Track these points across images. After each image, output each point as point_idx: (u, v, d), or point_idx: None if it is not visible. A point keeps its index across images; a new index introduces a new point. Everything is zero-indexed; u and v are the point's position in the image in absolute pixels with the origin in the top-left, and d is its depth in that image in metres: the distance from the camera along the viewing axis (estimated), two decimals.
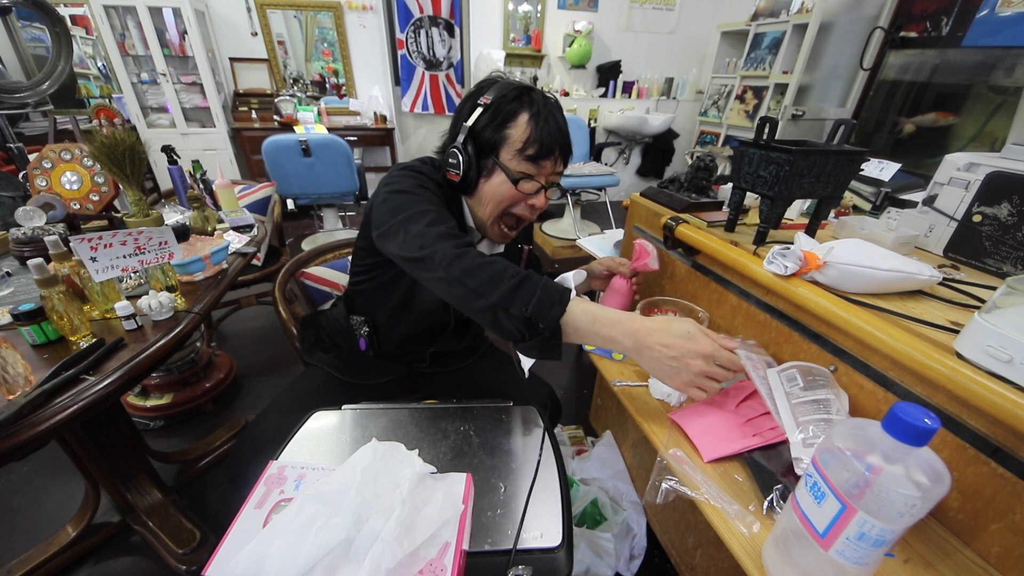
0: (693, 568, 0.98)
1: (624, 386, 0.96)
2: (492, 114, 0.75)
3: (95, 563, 1.13)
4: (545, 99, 0.77)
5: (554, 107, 0.77)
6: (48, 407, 0.65)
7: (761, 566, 0.60)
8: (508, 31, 3.83)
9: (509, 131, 0.75)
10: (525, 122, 0.74)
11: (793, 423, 0.71)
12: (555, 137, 0.76)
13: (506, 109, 0.75)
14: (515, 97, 0.75)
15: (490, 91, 0.76)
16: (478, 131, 0.76)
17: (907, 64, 2.66)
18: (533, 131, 0.74)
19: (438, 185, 0.80)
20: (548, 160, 0.77)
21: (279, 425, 0.83)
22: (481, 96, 0.76)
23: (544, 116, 0.75)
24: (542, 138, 0.74)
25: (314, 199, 2.90)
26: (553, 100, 0.78)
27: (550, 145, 0.76)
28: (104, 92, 3.48)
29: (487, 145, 0.76)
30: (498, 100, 0.75)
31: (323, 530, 0.48)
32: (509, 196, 0.79)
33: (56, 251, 0.84)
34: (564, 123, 0.78)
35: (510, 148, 0.76)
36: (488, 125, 0.75)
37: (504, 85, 0.77)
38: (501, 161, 0.77)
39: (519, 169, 0.77)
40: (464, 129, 0.76)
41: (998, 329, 0.54)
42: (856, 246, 0.77)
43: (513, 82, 0.78)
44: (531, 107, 0.75)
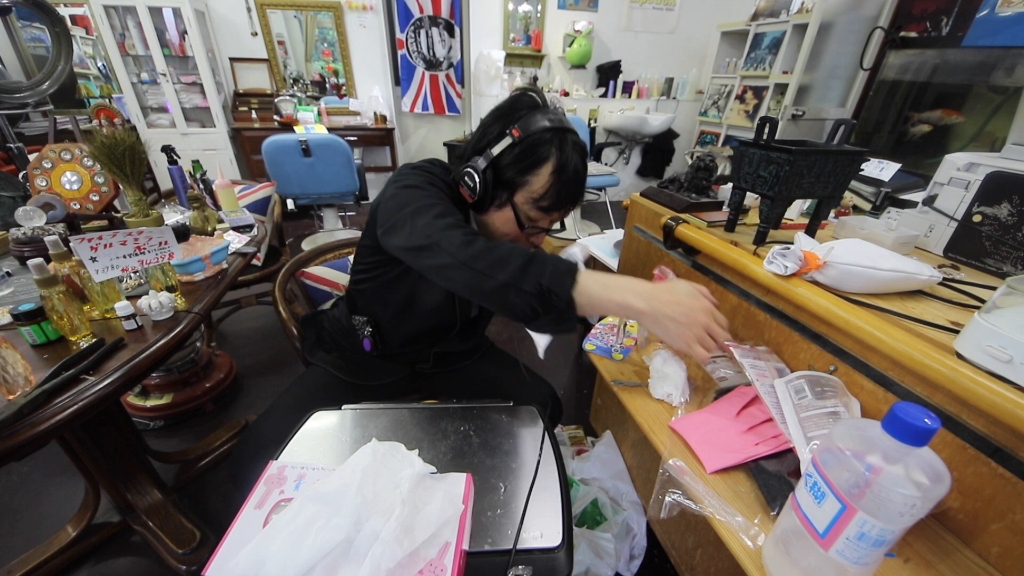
0: (693, 568, 0.98)
1: (624, 386, 0.96)
2: (519, 154, 0.73)
3: (95, 563, 1.13)
4: (573, 148, 0.74)
5: (579, 157, 0.75)
6: (48, 407, 0.65)
7: (761, 566, 0.60)
8: (508, 31, 3.83)
9: (530, 178, 0.74)
10: (548, 174, 0.73)
11: (803, 438, 0.70)
12: (572, 195, 0.76)
13: (533, 155, 0.72)
14: (546, 142, 0.72)
15: (522, 121, 0.72)
16: (501, 165, 0.74)
17: (907, 64, 2.66)
18: (553, 186, 0.73)
19: (447, 185, 0.80)
20: (557, 212, 0.78)
21: (280, 425, 0.83)
22: (513, 123, 0.73)
23: (568, 171, 0.73)
24: (559, 195, 0.74)
25: (314, 199, 2.90)
26: (580, 145, 0.75)
27: (563, 201, 0.76)
28: (104, 92, 3.49)
29: (506, 182, 0.75)
30: (528, 140, 0.72)
31: (323, 530, 0.48)
32: (513, 233, 0.80)
33: (56, 251, 0.84)
34: (584, 173, 0.77)
35: (526, 193, 0.75)
36: (512, 165, 0.73)
37: (538, 119, 0.72)
38: (515, 202, 0.76)
39: (530, 215, 0.77)
40: (488, 155, 0.74)
41: (998, 329, 0.54)
42: (856, 246, 0.77)
43: (547, 117, 0.73)
44: (558, 158, 0.72)
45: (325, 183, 2.79)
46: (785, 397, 0.77)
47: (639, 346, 1.08)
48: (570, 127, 0.75)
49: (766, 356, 0.90)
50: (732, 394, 0.86)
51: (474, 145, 0.78)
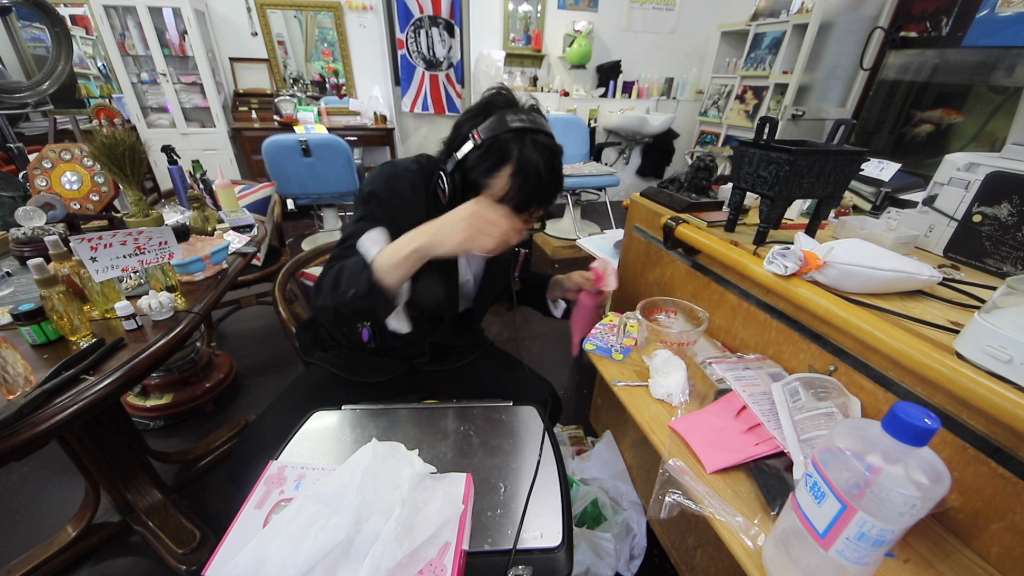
0: (693, 568, 0.98)
1: (624, 386, 0.96)
2: (480, 156, 0.72)
3: (95, 563, 1.13)
4: (536, 148, 0.72)
5: (545, 157, 0.72)
6: (48, 407, 0.65)
7: (761, 566, 0.60)
8: (508, 31, 3.83)
9: (491, 180, 0.73)
10: (507, 177, 0.72)
11: (796, 441, 0.70)
12: (534, 196, 0.74)
13: (493, 157, 0.72)
14: (503, 146, 0.71)
15: (487, 123, 0.72)
16: (466, 167, 0.74)
17: (907, 64, 2.66)
18: (512, 189, 0.72)
19: (414, 191, 0.81)
20: (524, 213, 0.76)
21: (280, 425, 0.83)
22: (476, 126, 0.73)
23: (529, 172, 0.71)
24: (519, 197, 0.73)
25: (314, 199, 2.90)
26: (546, 145, 0.73)
27: (527, 203, 0.74)
28: (104, 92, 3.48)
29: (472, 184, 0.75)
30: (488, 142, 0.72)
31: (323, 530, 0.48)
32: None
33: (56, 251, 0.84)
34: (552, 174, 0.74)
35: (490, 195, 0.74)
36: (475, 167, 0.73)
37: (499, 123, 0.71)
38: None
39: None
40: (454, 159, 0.75)
41: (998, 329, 0.55)
42: (856, 246, 0.77)
43: (515, 116, 0.72)
44: (517, 161, 0.71)
45: (325, 183, 2.78)
46: (780, 401, 0.77)
47: (639, 346, 1.08)
48: (536, 126, 0.73)
49: (756, 364, 0.91)
50: (732, 394, 0.86)
51: (447, 147, 0.79)
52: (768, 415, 0.79)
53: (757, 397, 0.82)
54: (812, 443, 0.69)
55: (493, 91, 0.77)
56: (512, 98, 0.76)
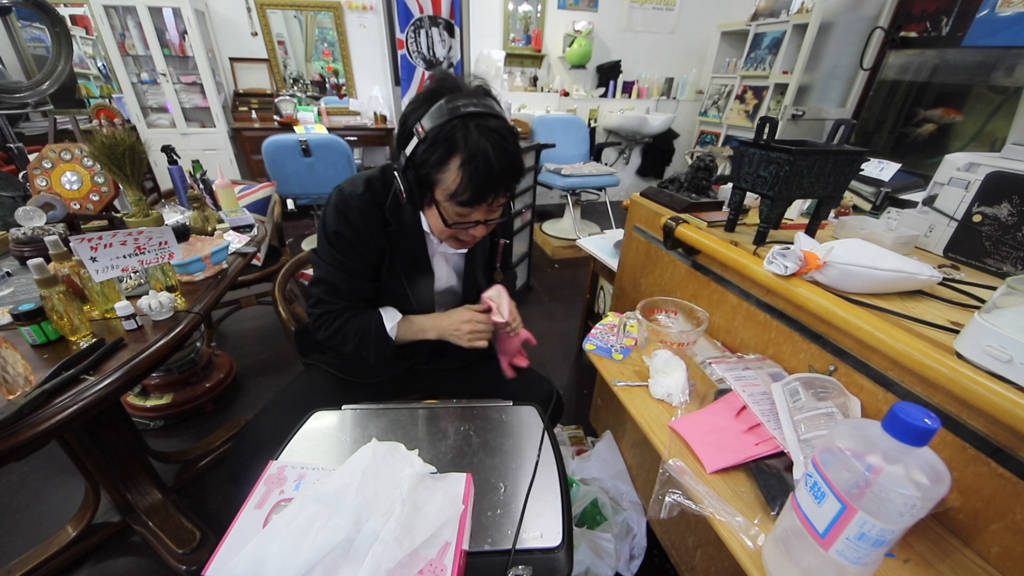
0: (693, 568, 0.98)
1: (624, 386, 0.96)
2: (426, 150, 0.69)
3: (95, 563, 1.13)
4: (483, 133, 0.67)
5: (495, 141, 0.68)
6: (48, 407, 0.65)
7: (761, 566, 0.60)
8: (508, 31, 3.83)
9: (441, 175, 0.70)
10: (456, 168, 0.68)
11: (796, 441, 0.70)
12: (488, 184, 0.70)
13: (438, 150, 0.68)
14: (447, 137, 0.67)
15: (429, 114, 0.68)
16: (415, 163, 0.71)
17: (907, 64, 2.66)
18: (463, 180, 0.69)
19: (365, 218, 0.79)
20: (482, 205, 0.73)
21: (279, 424, 0.83)
22: (420, 117, 0.69)
23: (479, 160, 0.67)
24: (472, 188, 0.69)
25: (314, 199, 2.90)
26: (494, 129, 0.68)
27: (482, 193, 0.71)
28: (104, 92, 3.48)
29: (424, 180, 0.72)
30: (432, 134, 0.68)
31: (323, 530, 0.48)
32: (446, 231, 0.78)
33: (56, 251, 0.84)
34: (505, 158, 0.69)
35: (443, 190, 0.72)
36: (423, 162, 0.70)
37: (441, 111, 0.67)
38: (436, 199, 0.74)
39: (452, 211, 0.74)
40: (403, 155, 0.72)
41: (998, 329, 0.55)
42: (856, 246, 0.77)
43: (452, 105, 0.67)
44: (463, 151, 0.67)
45: (325, 183, 2.78)
46: (781, 401, 0.77)
47: (639, 346, 1.08)
48: (484, 109, 0.68)
49: (756, 364, 0.91)
50: (732, 394, 0.86)
51: (398, 139, 0.75)
52: (768, 415, 0.79)
53: (757, 397, 0.82)
54: (812, 443, 0.69)
55: (437, 77, 0.73)
56: (456, 83, 0.72)
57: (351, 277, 0.85)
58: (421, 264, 0.89)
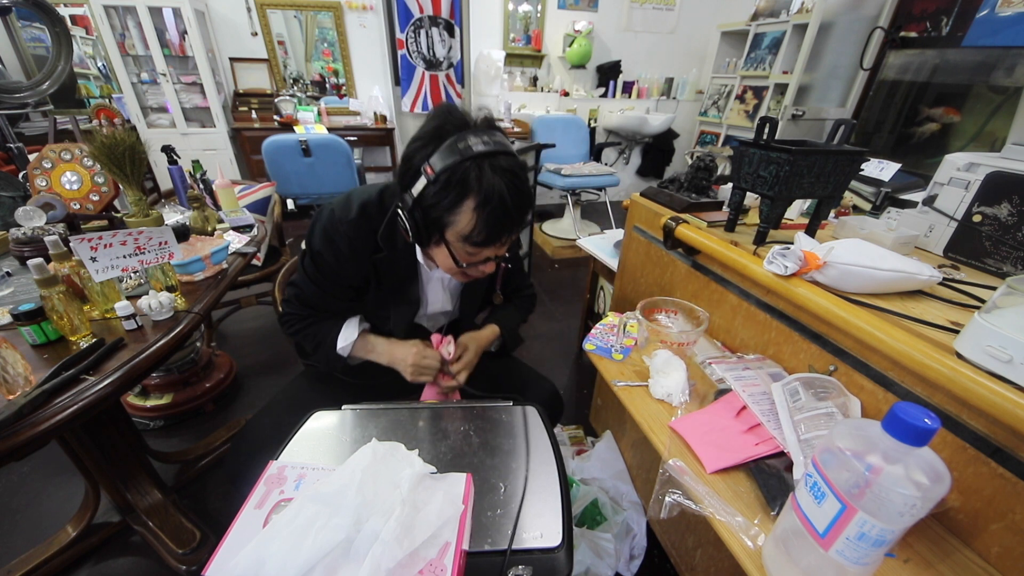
0: (693, 568, 0.98)
1: (624, 386, 0.96)
2: (437, 193, 0.66)
3: (95, 563, 1.13)
4: (497, 173, 0.65)
5: (508, 181, 0.66)
6: (48, 407, 0.65)
7: (761, 566, 0.60)
8: (508, 31, 3.83)
9: (454, 217, 0.68)
10: (470, 211, 0.66)
11: (796, 441, 0.70)
12: (504, 225, 0.69)
13: (451, 192, 0.65)
14: (460, 179, 0.64)
15: (438, 154, 0.65)
16: (424, 205, 0.69)
17: (907, 64, 2.66)
18: (478, 222, 0.67)
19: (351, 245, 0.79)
20: (495, 244, 0.72)
21: (278, 424, 0.83)
22: (427, 156, 0.66)
23: (493, 202, 0.65)
24: (488, 229, 0.68)
25: (314, 199, 2.90)
26: (506, 168, 0.66)
27: (497, 234, 0.70)
28: (104, 92, 3.48)
29: (433, 222, 0.70)
30: (443, 177, 0.65)
31: (323, 530, 0.48)
32: (457, 270, 0.77)
33: (56, 251, 0.84)
34: (519, 197, 0.68)
35: (455, 232, 0.69)
36: (434, 204, 0.67)
37: (450, 152, 0.64)
38: (447, 239, 0.72)
39: (465, 251, 0.72)
40: (410, 195, 0.69)
41: (998, 329, 0.55)
42: (856, 246, 0.77)
43: (463, 145, 0.64)
44: (477, 193, 0.65)
45: (325, 183, 2.79)
46: (781, 401, 0.77)
47: (639, 346, 1.08)
48: (495, 147, 0.66)
49: (756, 364, 0.91)
50: (732, 394, 0.86)
51: (400, 180, 0.72)
52: (768, 415, 0.79)
53: (757, 397, 0.82)
54: (812, 443, 0.69)
55: (442, 111, 0.69)
56: (462, 117, 0.68)
57: (323, 293, 0.86)
58: (409, 291, 0.89)
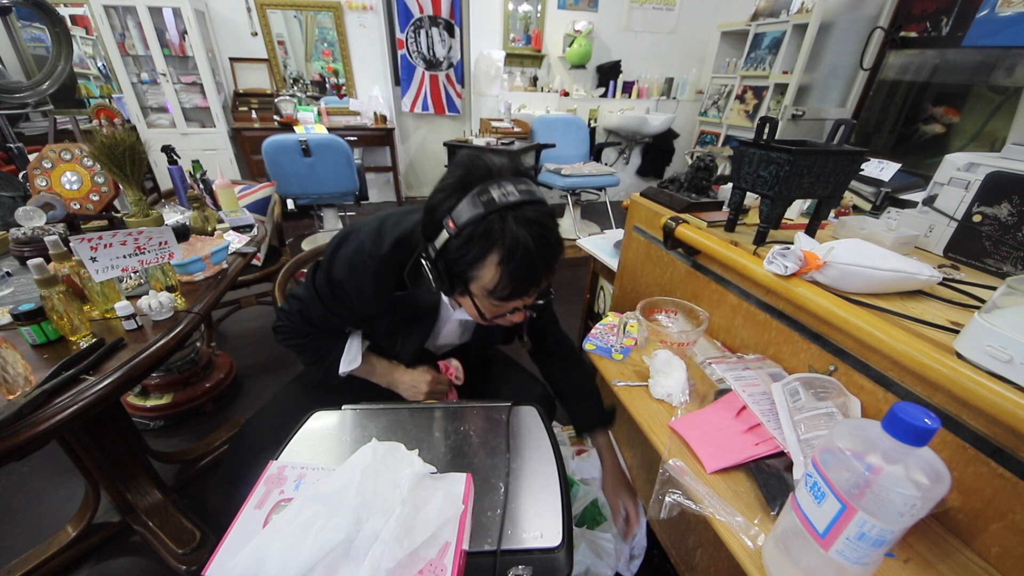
0: (693, 568, 0.98)
1: (624, 386, 0.96)
2: (459, 248, 0.62)
3: (95, 563, 1.13)
4: (522, 225, 0.61)
5: (535, 232, 0.62)
6: (48, 407, 0.65)
7: (761, 566, 0.60)
8: (508, 31, 3.83)
9: (478, 272, 0.64)
10: (494, 265, 0.62)
11: (796, 441, 0.70)
12: (529, 278, 0.65)
13: (473, 247, 0.62)
14: (483, 234, 0.61)
15: (460, 208, 0.61)
16: (447, 258, 0.65)
17: (907, 64, 2.66)
18: (502, 277, 0.63)
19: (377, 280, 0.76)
20: (523, 297, 0.69)
21: (278, 424, 0.83)
22: (450, 209, 0.62)
23: (518, 256, 0.61)
24: (513, 284, 0.64)
25: (314, 199, 2.90)
26: (533, 219, 0.62)
27: (523, 288, 0.66)
28: (104, 92, 3.49)
29: (456, 275, 0.66)
30: (465, 231, 0.61)
31: (323, 530, 0.48)
32: (483, 320, 0.73)
33: (56, 251, 0.84)
34: (544, 250, 0.64)
35: (479, 286, 0.66)
36: (456, 259, 0.64)
37: (473, 205, 0.61)
38: (472, 292, 0.68)
39: (490, 304, 0.69)
40: (432, 247, 0.66)
41: (998, 329, 0.54)
42: (856, 246, 0.77)
43: (486, 198, 0.61)
44: (501, 247, 0.61)
45: (325, 183, 2.79)
46: (781, 401, 0.77)
47: (639, 346, 1.08)
48: (519, 198, 0.61)
49: (756, 364, 0.91)
50: (732, 394, 0.86)
51: (424, 230, 0.68)
52: (768, 415, 0.79)
53: (757, 397, 0.82)
54: (812, 443, 0.69)
55: (465, 161, 0.66)
56: (487, 165, 0.64)
57: (331, 315, 0.82)
58: (424, 325, 0.87)
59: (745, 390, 0.84)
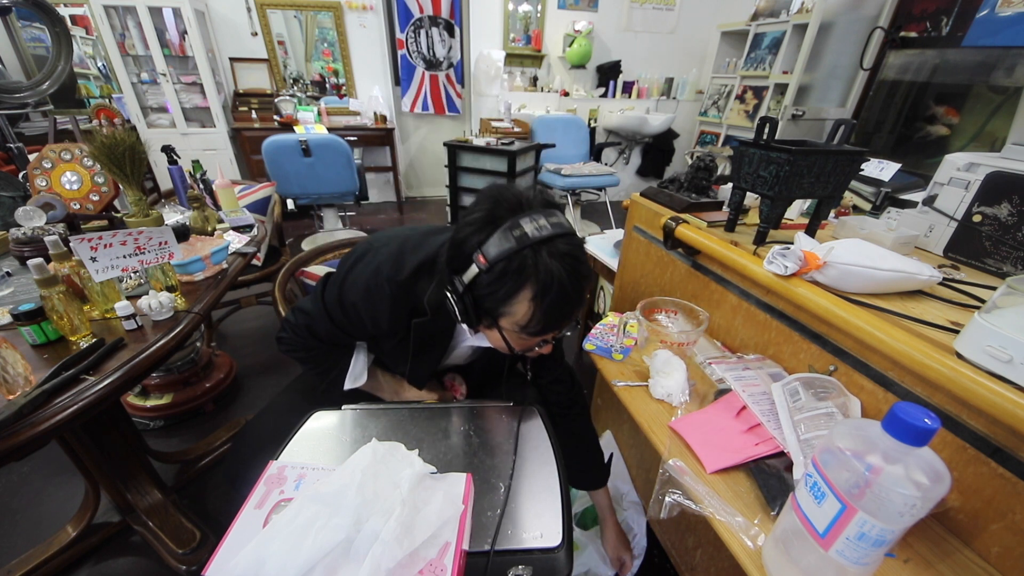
0: (693, 568, 0.98)
1: (624, 386, 0.96)
2: (490, 284, 0.61)
3: (95, 563, 1.13)
4: (556, 259, 0.59)
5: (569, 266, 0.60)
6: (48, 407, 0.65)
7: (761, 566, 0.60)
8: (508, 31, 3.83)
9: (510, 308, 0.63)
10: (527, 301, 0.61)
11: (796, 441, 0.70)
12: (564, 313, 0.64)
13: (506, 284, 0.60)
14: (516, 269, 0.59)
15: (492, 242, 0.60)
16: (476, 292, 0.64)
17: (907, 64, 2.66)
18: (536, 312, 0.62)
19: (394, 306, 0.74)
20: (554, 331, 0.68)
21: (278, 425, 0.83)
22: (481, 243, 0.61)
23: (553, 292, 0.60)
24: (547, 319, 0.63)
25: (314, 199, 2.90)
26: (566, 253, 0.60)
27: (557, 323, 0.65)
28: (104, 92, 3.48)
29: (487, 310, 0.65)
30: (497, 267, 0.60)
31: (323, 530, 0.48)
32: (509, 352, 0.72)
33: (56, 251, 0.84)
34: (579, 284, 0.63)
35: (510, 321, 0.64)
36: (486, 295, 0.63)
37: (504, 240, 0.59)
38: (501, 327, 0.66)
39: (520, 338, 0.68)
40: (460, 282, 0.64)
41: (998, 329, 0.54)
42: (856, 246, 0.77)
43: (519, 233, 0.59)
44: (535, 283, 0.60)
45: (325, 183, 2.79)
46: (781, 401, 0.77)
47: (639, 346, 1.08)
48: (551, 232, 0.60)
49: (756, 364, 0.91)
50: (732, 394, 0.86)
51: (448, 260, 0.66)
52: (768, 415, 0.79)
53: (757, 397, 0.82)
54: (812, 443, 0.69)
55: (493, 194, 0.64)
56: (516, 197, 0.63)
57: (339, 332, 0.81)
58: (435, 351, 0.85)
59: (745, 390, 0.84)
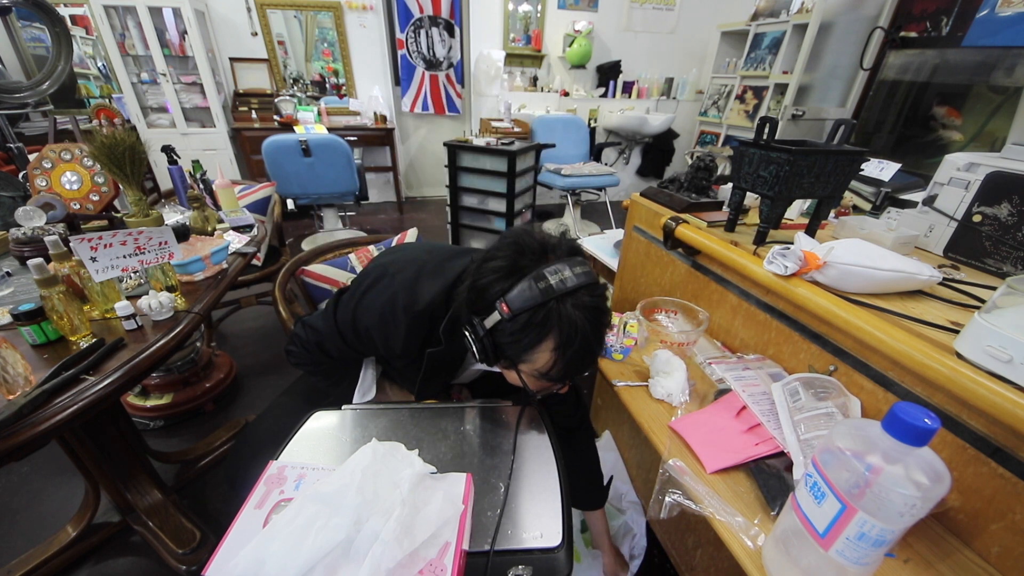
0: (693, 568, 0.98)
1: (624, 386, 0.96)
2: (513, 332, 0.61)
3: (95, 563, 1.13)
4: (579, 310, 0.59)
5: (590, 317, 0.61)
6: (48, 407, 0.65)
7: (761, 566, 0.60)
8: (508, 31, 3.83)
9: (531, 356, 0.63)
10: (549, 351, 0.62)
11: (796, 441, 0.70)
12: (584, 362, 0.64)
13: (529, 335, 0.60)
14: (541, 322, 0.59)
15: (516, 293, 0.59)
16: (497, 339, 0.64)
17: (907, 64, 2.66)
18: (557, 362, 0.62)
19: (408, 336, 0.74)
20: (572, 378, 0.69)
21: (279, 426, 0.83)
22: (504, 292, 0.60)
23: (575, 344, 0.60)
24: (568, 368, 0.63)
25: (314, 199, 2.90)
26: (590, 305, 0.61)
27: (576, 371, 0.66)
28: (104, 92, 3.48)
29: (507, 356, 0.65)
30: (521, 319, 0.59)
31: (323, 530, 0.48)
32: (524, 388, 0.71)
33: (56, 251, 0.84)
34: (600, 334, 0.64)
35: (529, 367, 0.65)
36: (509, 343, 0.62)
37: (529, 291, 0.59)
38: (520, 371, 0.67)
39: (539, 382, 0.68)
40: (480, 325, 0.64)
41: (998, 329, 0.54)
42: (856, 246, 0.77)
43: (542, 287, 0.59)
44: (559, 335, 0.60)
45: (325, 183, 2.79)
46: (781, 401, 0.77)
47: (639, 346, 1.08)
48: (576, 283, 0.60)
49: (756, 364, 0.91)
50: (732, 394, 0.86)
51: (470, 303, 0.66)
52: (768, 415, 0.79)
53: (757, 397, 0.82)
54: (812, 443, 0.69)
55: (514, 241, 0.64)
56: (542, 246, 0.63)
57: (349, 350, 0.81)
58: (445, 374, 0.86)
59: (745, 390, 0.84)
